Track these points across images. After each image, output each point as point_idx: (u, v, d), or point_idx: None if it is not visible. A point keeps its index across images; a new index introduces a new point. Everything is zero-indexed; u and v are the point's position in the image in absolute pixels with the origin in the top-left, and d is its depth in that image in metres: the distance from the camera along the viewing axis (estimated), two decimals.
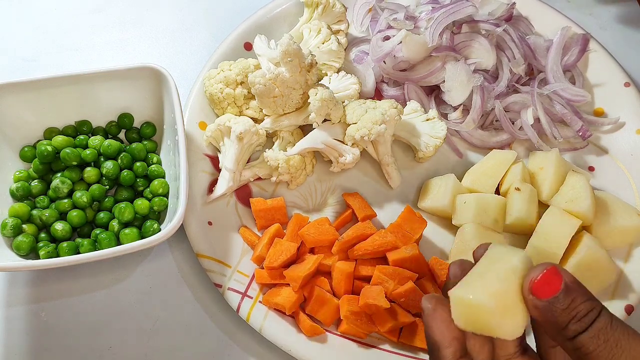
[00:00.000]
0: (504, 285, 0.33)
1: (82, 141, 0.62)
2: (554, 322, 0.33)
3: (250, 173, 0.64)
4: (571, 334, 0.32)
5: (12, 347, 0.58)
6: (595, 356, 0.32)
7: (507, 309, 0.33)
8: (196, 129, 0.66)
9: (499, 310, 0.33)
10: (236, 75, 0.65)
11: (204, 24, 0.81)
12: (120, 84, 0.62)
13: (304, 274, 0.56)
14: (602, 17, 0.85)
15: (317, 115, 0.61)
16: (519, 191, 0.61)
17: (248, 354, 0.59)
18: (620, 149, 0.70)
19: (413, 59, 0.70)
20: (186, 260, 0.63)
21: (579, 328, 0.32)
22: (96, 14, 0.80)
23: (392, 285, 0.56)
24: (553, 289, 0.32)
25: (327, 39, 0.69)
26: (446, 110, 0.72)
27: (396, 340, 0.57)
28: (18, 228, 0.56)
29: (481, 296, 0.33)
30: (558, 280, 0.32)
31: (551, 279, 0.32)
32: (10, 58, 0.76)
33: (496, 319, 0.33)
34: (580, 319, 0.32)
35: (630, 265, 0.62)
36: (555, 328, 0.33)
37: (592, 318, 0.32)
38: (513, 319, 0.33)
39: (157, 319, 0.60)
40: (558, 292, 0.32)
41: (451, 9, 0.69)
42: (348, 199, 0.64)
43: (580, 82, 0.74)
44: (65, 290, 0.60)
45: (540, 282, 0.33)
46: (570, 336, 0.32)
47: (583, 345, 0.32)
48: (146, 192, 0.61)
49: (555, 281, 0.32)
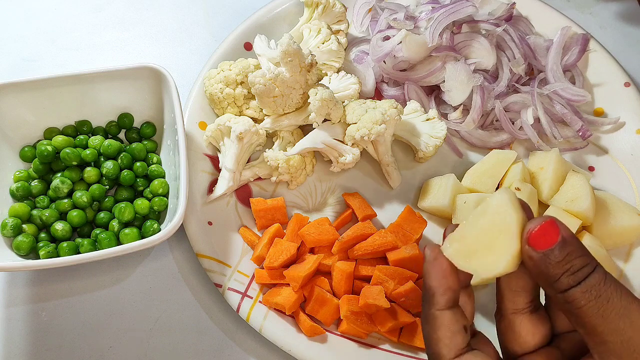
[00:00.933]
0: (491, 221, 0.34)
1: (82, 141, 0.62)
2: (547, 273, 0.33)
3: (250, 173, 0.64)
4: (563, 287, 0.32)
5: (12, 347, 0.58)
6: (586, 311, 0.32)
7: (495, 245, 0.34)
8: (196, 129, 0.66)
9: (487, 244, 0.34)
10: (236, 75, 0.65)
11: (204, 24, 0.81)
12: (120, 84, 0.62)
13: (304, 274, 0.56)
14: (602, 16, 0.85)
15: (317, 115, 0.61)
16: (519, 191, 0.61)
17: (248, 354, 0.59)
18: (620, 149, 0.70)
19: (413, 59, 0.70)
20: (186, 260, 0.63)
21: (572, 282, 0.32)
22: (96, 14, 0.80)
23: (392, 285, 0.56)
24: (550, 241, 0.33)
25: (327, 39, 0.69)
26: (446, 110, 0.72)
27: (396, 340, 0.57)
28: (18, 228, 0.56)
29: (471, 231, 0.34)
30: (555, 233, 0.33)
31: (549, 231, 0.33)
32: (10, 58, 0.76)
33: (485, 255, 0.34)
34: (574, 272, 0.32)
35: (630, 265, 0.62)
36: (548, 280, 0.33)
37: (586, 273, 0.32)
38: (502, 255, 0.34)
39: (157, 319, 0.60)
40: (554, 245, 0.32)
41: (451, 9, 0.69)
42: (348, 199, 0.64)
43: (580, 82, 0.74)
44: (65, 290, 0.60)
45: (538, 233, 0.33)
46: (562, 289, 0.32)
47: (575, 299, 0.32)
48: (146, 192, 0.61)
49: (552, 233, 0.33)
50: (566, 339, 0.38)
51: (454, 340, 0.35)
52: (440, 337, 0.35)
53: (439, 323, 0.36)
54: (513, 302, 0.37)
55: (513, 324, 0.37)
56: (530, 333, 0.37)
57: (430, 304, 0.36)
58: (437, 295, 0.36)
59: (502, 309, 0.38)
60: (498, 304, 0.38)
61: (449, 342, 0.35)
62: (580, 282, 0.32)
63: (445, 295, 0.36)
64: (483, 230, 0.34)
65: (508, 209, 0.34)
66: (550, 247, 0.32)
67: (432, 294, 0.36)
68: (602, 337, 0.32)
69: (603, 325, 0.31)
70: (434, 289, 0.36)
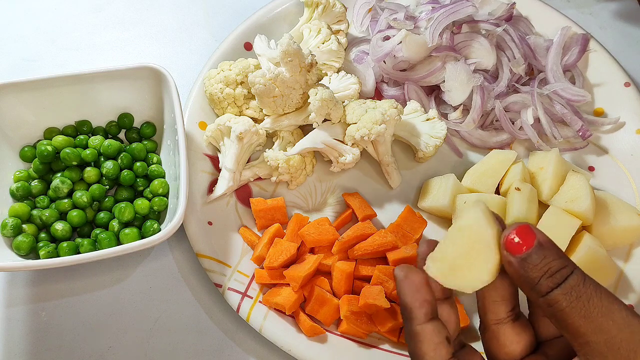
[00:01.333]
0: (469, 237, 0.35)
1: (82, 141, 0.62)
2: (527, 277, 0.34)
3: (250, 173, 0.64)
4: (544, 290, 0.33)
5: (12, 347, 0.58)
6: (568, 312, 0.32)
7: (476, 259, 0.35)
8: (196, 129, 0.66)
9: (468, 259, 0.35)
10: (236, 75, 0.65)
11: (204, 24, 0.81)
12: (120, 84, 0.62)
13: (304, 274, 0.56)
14: (602, 16, 0.85)
15: (317, 115, 0.61)
16: (519, 191, 0.61)
17: (248, 354, 0.59)
18: (620, 149, 0.70)
19: (413, 59, 0.70)
20: (186, 260, 0.63)
21: (552, 284, 0.33)
22: (96, 14, 0.80)
23: (392, 285, 0.56)
24: (526, 245, 0.34)
25: (327, 39, 0.69)
26: (446, 110, 0.72)
27: (396, 340, 0.57)
28: (18, 228, 0.56)
29: (451, 249, 0.35)
30: (531, 238, 0.34)
31: (524, 236, 0.34)
32: (10, 58, 0.76)
33: (467, 270, 0.35)
34: (553, 274, 0.33)
35: (630, 265, 0.62)
36: (528, 284, 0.34)
37: (564, 274, 0.33)
38: (483, 268, 0.35)
39: (157, 319, 0.60)
40: (531, 249, 0.33)
41: (451, 9, 0.69)
42: (348, 199, 0.64)
43: (580, 82, 0.74)
44: (65, 290, 0.60)
45: (514, 239, 0.34)
46: (544, 292, 0.33)
47: (557, 302, 0.33)
48: (146, 192, 0.61)
49: (528, 238, 0.34)
50: (552, 345, 0.38)
51: (437, 352, 0.36)
52: (424, 351, 0.36)
53: (421, 337, 0.36)
54: (494, 313, 0.38)
55: (497, 334, 0.38)
56: (514, 342, 0.38)
57: (410, 321, 0.37)
58: (415, 310, 0.36)
59: (485, 321, 0.39)
60: (480, 317, 0.39)
61: (434, 355, 0.36)
62: (560, 284, 0.33)
63: (422, 309, 0.36)
64: (462, 246, 0.35)
65: (483, 223, 0.35)
66: (527, 252, 0.33)
67: (409, 310, 0.36)
68: (585, 338, 0.32)
69: (586, 325, 0.32)
70: (410, 304, 0.36)
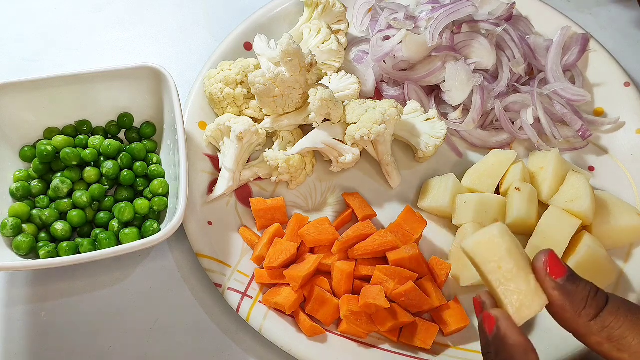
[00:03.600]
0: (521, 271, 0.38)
1: (82, 141, 0.62)
2: (573, 301, 0.35)
3: (250, 173, 0.64)
4: (593, 312, 0.34)
5: (12, 347, 0.58)
6: (621, 333, 0.34)
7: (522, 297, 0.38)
8: (196, 129, 0.66)
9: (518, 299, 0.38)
10: (236, 75, 0.65)
11: (204, 24, 0.81)
12: (120, 84, 0.62)
13: (304, 274, 0.56)
14: (602, 17, 0.85)
15: (317, 115, 0.61)
16: (519, 191, 0.61)
17: (248, 354, 0.59)
18: (620, 149, 0.70)
19: (413, 58, 0.70)
20: (186, 260, 0.63)
21: (597, 306, 0.35)
22: (96, 14, 0.80)
23: (392, 285, 0.56)
24: (561, 270, 0.36)
25: (327, 38, 0.69)
26: (446, 110, 0.72)
27: (396, 340, 0.57)
28: (18, 228, 0.56)
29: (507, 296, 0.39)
30: (561, 264, 0.36)
31: (555, 261, 0.37)
32: (10, 58, 0.76)
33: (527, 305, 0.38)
34: (594, 297, 0.35)
35: (630, 265, 0.62)
36: (575, 308, 0.35)
37: (603, 296, 0.35)
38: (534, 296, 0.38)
39: (157, 319, 0.60)
40: (566, 274, 0.36)
41: (451, 8, 0.69)
42: (348, 199, 0.64)
43: (580, 82, 0.74)
44: (65, 290, 0.60)
45: (550, 264, 0.36)
46: (593, 314, 0.34)
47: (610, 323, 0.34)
48: (146, 192, 0.61)
49: (559, 263, 0.36)
50: None
51: None
52: None
53: None
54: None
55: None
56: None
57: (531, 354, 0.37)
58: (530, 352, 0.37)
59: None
60: None
61: None
62: (604, 306, 0.35)
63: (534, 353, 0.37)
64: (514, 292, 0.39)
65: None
66: (563, 276, 0.36)
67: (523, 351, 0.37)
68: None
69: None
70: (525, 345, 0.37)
